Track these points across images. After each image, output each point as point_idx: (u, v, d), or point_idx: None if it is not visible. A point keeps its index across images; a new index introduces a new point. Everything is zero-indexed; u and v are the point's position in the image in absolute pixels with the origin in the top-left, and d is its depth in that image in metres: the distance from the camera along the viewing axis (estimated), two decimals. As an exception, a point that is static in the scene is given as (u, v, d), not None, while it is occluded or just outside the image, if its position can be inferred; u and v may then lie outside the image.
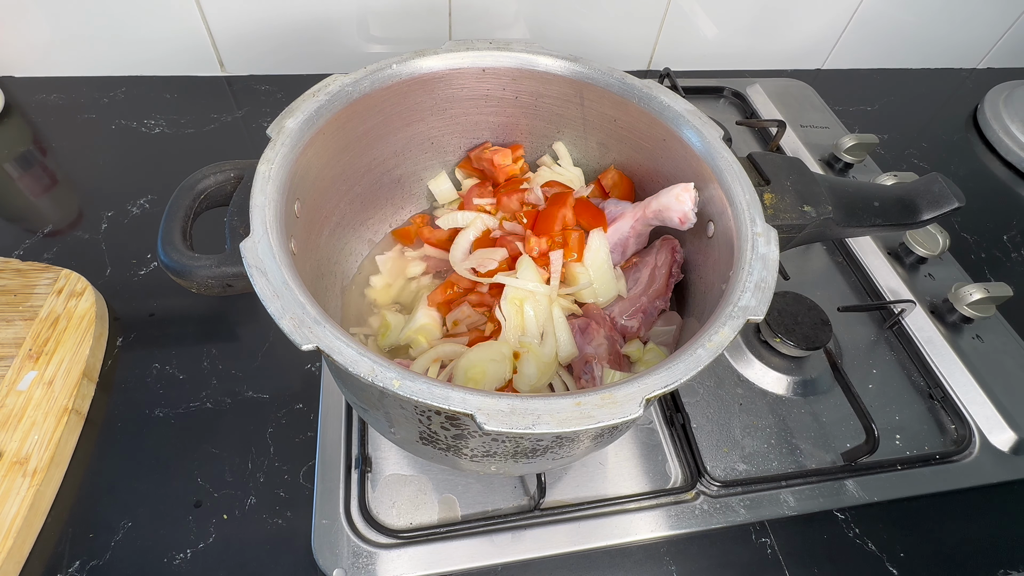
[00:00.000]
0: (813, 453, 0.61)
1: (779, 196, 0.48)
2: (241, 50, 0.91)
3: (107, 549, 0.49)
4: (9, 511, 0.48)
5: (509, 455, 0.42)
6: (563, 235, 0.54)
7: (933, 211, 0.52)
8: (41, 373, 0.55)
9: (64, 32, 0.84)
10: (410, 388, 0.32)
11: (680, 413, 0.61)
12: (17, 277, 0.61)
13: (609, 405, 0.32)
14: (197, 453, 0.55)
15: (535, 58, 0.53)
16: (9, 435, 0.51)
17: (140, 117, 0.85)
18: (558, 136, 0.60)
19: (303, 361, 0.62)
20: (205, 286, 0.39)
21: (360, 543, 0.50)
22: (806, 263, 0.79)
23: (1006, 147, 1.01)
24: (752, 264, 0.40)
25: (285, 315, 0.33)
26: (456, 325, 0.52)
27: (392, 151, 0.56)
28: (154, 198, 0.75)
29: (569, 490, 0.56)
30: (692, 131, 0.49)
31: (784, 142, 0.95)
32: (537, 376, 0.48)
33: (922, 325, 0.71)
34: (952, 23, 1.10)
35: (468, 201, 0.59)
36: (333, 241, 0.54)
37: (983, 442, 0.63)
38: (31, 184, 0.76)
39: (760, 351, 0.67)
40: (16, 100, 0.85)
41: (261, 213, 0.38)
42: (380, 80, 0.49)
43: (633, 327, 0.52)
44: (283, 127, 0.43)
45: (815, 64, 1.13)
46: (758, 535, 0.56)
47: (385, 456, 0.56)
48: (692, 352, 0.35)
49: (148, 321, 0.64)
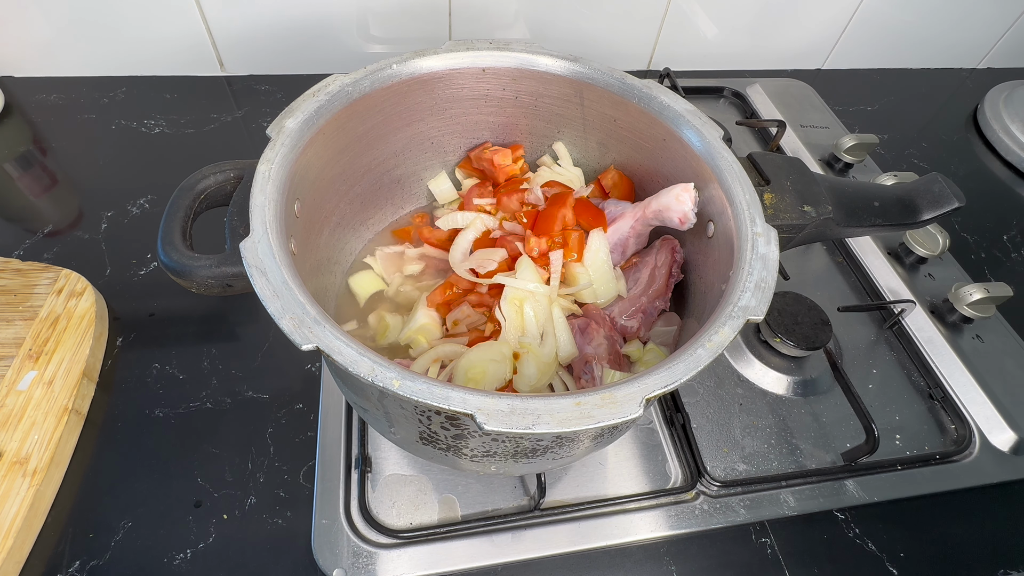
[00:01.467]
0: (813, 453, 0.61)
1: (779, 196, 0.48)
2: (241, 50, 0.91)
3: (107, 549, 0.49)
4: (9, 511, 0.48)
5: (509, 455, 0.42)
6: (563, 235, 0.54)
7: (933, 211, 0.52)
8: (41, 373, 0.55)
9: (64, 32, 0.84)
10: (410, 388, 0.32)
11: (680, 413, 0.61)
12: (17, 277, 0.61)
13: (609, 405, 0.32)
14: (197, 453, 0.55)
15: (535, 58, 0.53)
16: (9, 435, 0.51)
17: (140, 117, 0.85)
18: (558, 136, 0.60)
19: (303, 361, 0.62)
20: (205, 286, 0.39)
21: (360, 543, 0.50)
22: (806, 263, 0.79)
23: (1006, 147, 1.01)
24: (752, 264, 0.40)
25: (285, 315, 0.33)
26: (456, 325, 0.52)
27: (392, 151, 0.56)
28: (154, 198, 0.75)
29: (569, 490, 0.56)
30: (692, 131, 0.49)
31: (784, 142, 0.95)
32: (537, 376, 0.48)
33: (922, 325, 0.71)
34: (952, 23, 1.10)
35: (468, 201, 0.59)
36: (333, 241, 0.54)
37: (983, 442, 0.63)
38: (31, 184, 0.76)
39: (760, 351, 0.67)
40: (16, 100, 0.85)
41: (261, 213, 0.38)
42: (380, 80, 0.49)
43: (633, 327, 0.52)
44: (283, 127, 0.43)
45: (815, 64, 1.13)
46: (758, 535, 0.56)
47: (385, 456, 0.56)
48: (692, 352, 0.35)
49: (148, 321, 0.64)
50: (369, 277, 0.57)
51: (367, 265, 0.58)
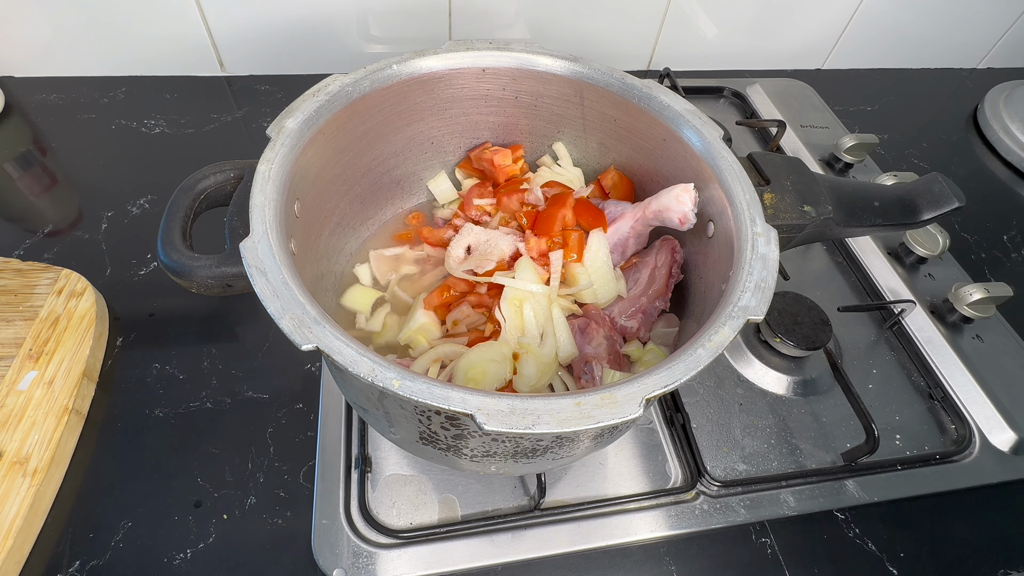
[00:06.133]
0: (813, 453, 0.61)
1: (779, 196, 0.48)
2: (241, 50, 0.91)
3: (107, 549, 0.49)
4: (9, 511, 0.48)
5: (509, 455, 0.42)
6: (563, 235, 0.54)
7: (933, 211, 0.52)
8: (41, 373, 0.55)
9: (64, 32, 0.84)
10: (410, 388, 0.32)
11: (680, 413, 0.61)
12: (17, 277, 0.61)
13: (609, 405, 0.32)
14: (197, 453, 0.55)
15: (535, 58, 0.53)
16: (9, 435, 0.51)
17: (140, 117, 0.85)
18: (558, 136, 0.60)
19: (303, 361, 0.62)
20: (205, 286, 0.39)
21: (360, 543, 0.50)
22: (806, 263, 0.79)
23: (1006, 147, 1.01)
24: (752, 264, 0.40)
25: (285, 315, 0.33)
26: (456, 325, 0.52)
27: (392, 151, 0.56)
28: (154, 198, 0.75)
29: (569, 490, 0.56)
30: (692, 131, 0.49)
31: (784, 142, 0.95)
32: (537, 377, 0.48)
33: (922, 325, 0.71)
34: (952, 23, 1.10)
35: (468, 201, 0.59)
36: (333, 241, 0.54)
37: (983, 442, 0.63)
38: (31, 184, 0.76)
39: (760, 351, 0.67)
40: (16, 100, 0.85)
41: (261, 213, 0.38)
42: (380, 80, 0.49)
43: (633, 327, 0.52)
44: (283, 127, 0.43)
45: (815, 64, 1.13)
46: (758, 535, 0.56)
47: (385, 456, 0.56)
48: (692, 352, 0.35)
49: (148, 321, 0.64)
50: (360, 291, 0.55)
51: (356, 278, 0.56)
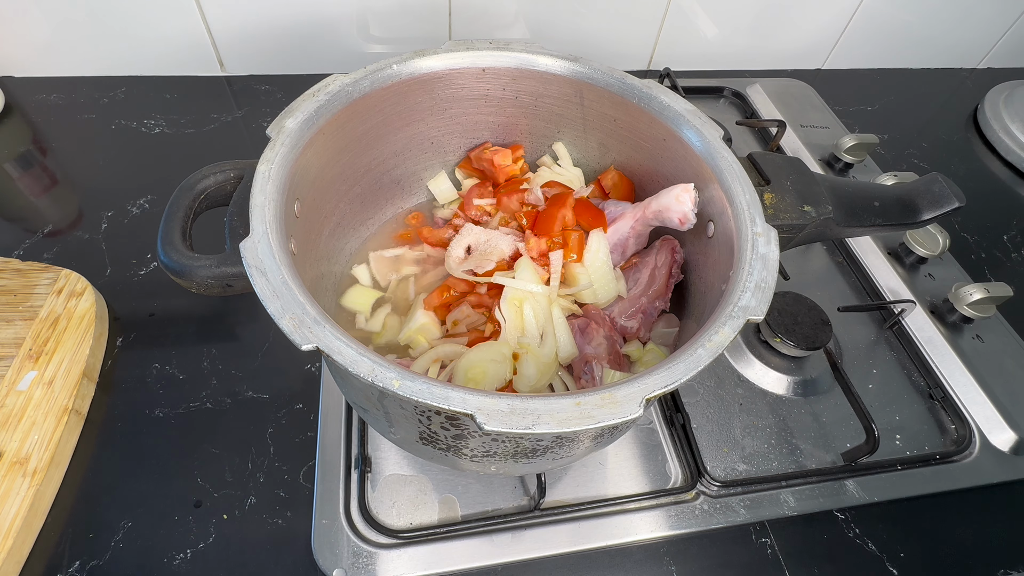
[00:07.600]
0: (813, 453, 0.61)
1: (779, 196, 0.48)
2: (241, 50, 0.91)
3: (107, 549, 0.49)
4: (9, 511, 0.48)
5: (509, 455, 0.42)
6: (563, 235, 0.54)
7: (933, 211, 0.52)
8: (41, 373, 0.55)
9: (64, 32, 0.84)
10: (410, 388, 0.32)
11: (680, 413, 0.61)
12: (17, 277, 0.61)
13: (609, 405, 0.32)
14: (197, 453, 0.55)
15: (535, 58, 0.53)
16: (9, 435, 0.51)
17: (140, 117, 0.85)
18: (558, 136, 0.60)
19: (303, 361, 0.62)
20: (205, 286, 0.39)
21: (360, 543, 0.50)
22: (806, 263, 0.79)
23: (1006, 147, 1.01)
24: (752, 264, 0.40)
25: (285, 315, 0.33)
26: (456, 325, 0.52)
27: (392, 151, 0.56)
28: (154, 198, 0.75)
29: (569, 490, 0.56)
30: (692, 131, 0.49)
31: (784, 142, 0.95)
32: (537, 377, 0.48)
33: (922, 325, 0.71)
34: (952, 23, 1.10)
35: (468, 201, 0.59)
36: (333, 241, 0.54)
37: (983, 442, 0.63)
38: (31, 184, 0.76)
39: (760, 351, 0.67)
40: (16, 100, 0.85)
41: (261, 213, 0.38)
42: (380, 80, 0.49)
43: (633, 327, 0.52)
44: (283, 127, 0.43)
45: (815, 64, 1.13)
46: (758, 535, 0.56)
47: (385, 456, 0.56)
48: (692, 352, 0.35)
49: (148, 321, 0.64)
50: (360, 292, 0.55)
51: (355, 279, 0.56)
